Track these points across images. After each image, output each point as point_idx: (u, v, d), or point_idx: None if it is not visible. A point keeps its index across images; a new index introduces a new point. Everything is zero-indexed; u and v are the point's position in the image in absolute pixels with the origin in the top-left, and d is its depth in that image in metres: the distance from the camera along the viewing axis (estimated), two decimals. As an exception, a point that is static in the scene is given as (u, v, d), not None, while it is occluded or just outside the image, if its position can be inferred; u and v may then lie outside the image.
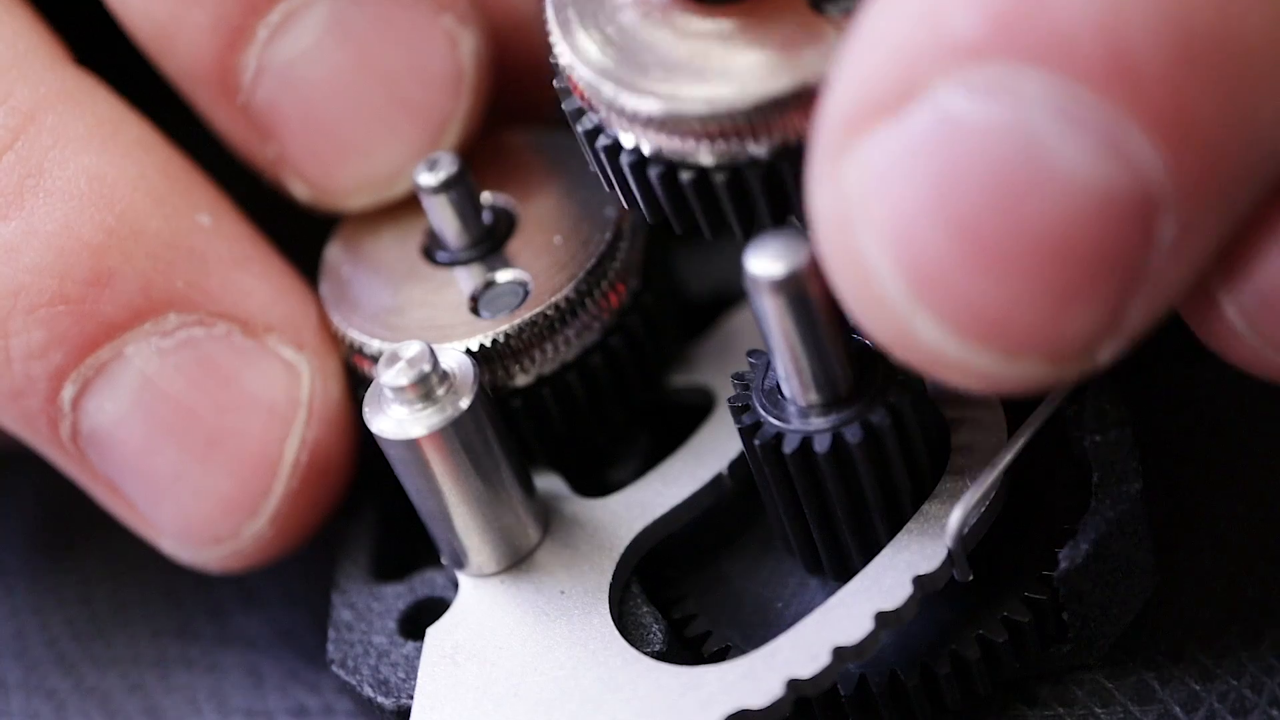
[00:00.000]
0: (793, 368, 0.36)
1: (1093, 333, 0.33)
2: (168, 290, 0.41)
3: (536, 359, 0.42)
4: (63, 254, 0.41)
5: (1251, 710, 0.38)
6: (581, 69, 0.37)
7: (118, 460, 0.42)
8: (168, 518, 0.43)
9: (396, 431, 0.39)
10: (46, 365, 0.41)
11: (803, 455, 0.37)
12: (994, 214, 0.32)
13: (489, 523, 0.40)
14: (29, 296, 0.41)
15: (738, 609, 0.41)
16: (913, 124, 0.32)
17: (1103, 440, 0.38)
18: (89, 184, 0.41)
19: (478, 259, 0.43)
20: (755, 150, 0.36)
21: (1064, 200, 0.32)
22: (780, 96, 0.35)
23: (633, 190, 0.38)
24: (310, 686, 0.45)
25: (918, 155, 0.32)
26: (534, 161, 0.45)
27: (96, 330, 0.41)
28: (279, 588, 0.48)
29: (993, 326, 0.33)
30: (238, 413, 0.42)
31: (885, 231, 0.32)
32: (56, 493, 0.51)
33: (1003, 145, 0.32)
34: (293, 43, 0.43)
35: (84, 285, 0.41)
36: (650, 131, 0.36)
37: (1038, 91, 0.31)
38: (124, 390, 0.41)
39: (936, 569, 0.37)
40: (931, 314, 0.33)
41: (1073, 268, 0.32)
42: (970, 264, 0.32)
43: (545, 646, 0.39)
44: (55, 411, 0.42)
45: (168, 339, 0.41)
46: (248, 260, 0.43)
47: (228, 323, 0.42)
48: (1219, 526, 0.41)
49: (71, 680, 0.47)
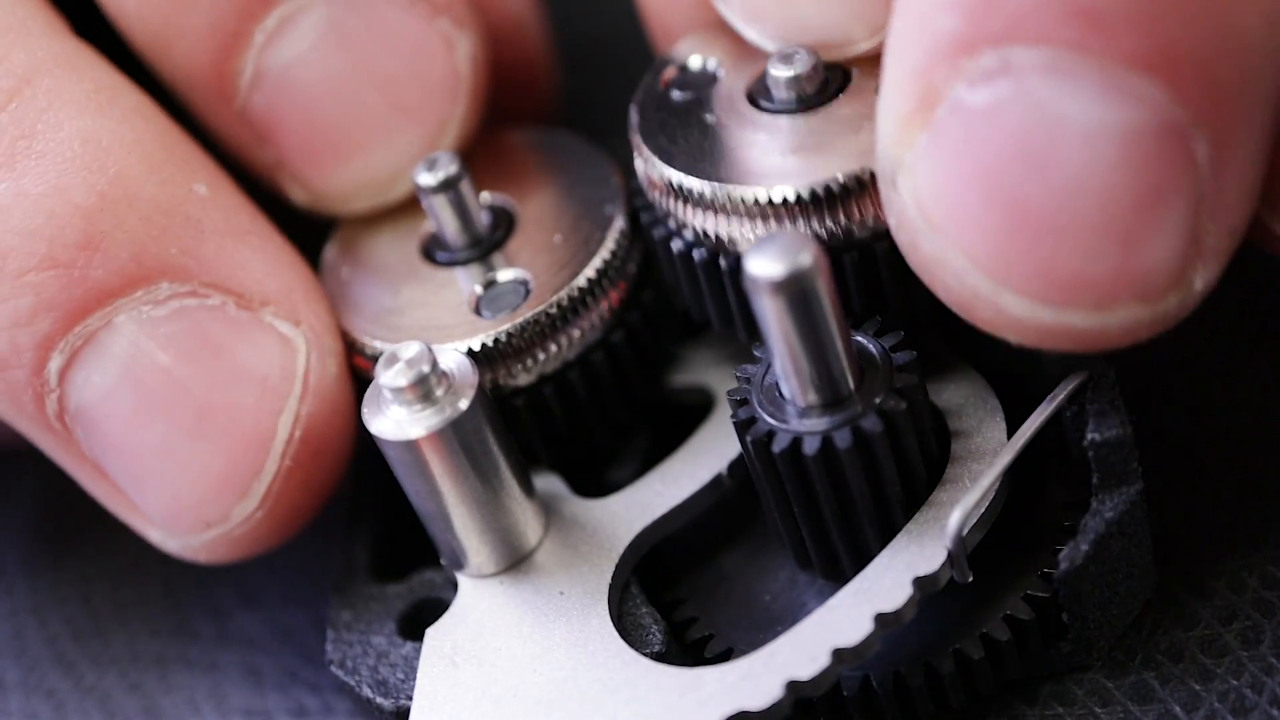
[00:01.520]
0: (791, 368, 0.36)
1: (1175, 263, 0.35)
2: (161, 258, 0.40)
3: (538, 358, 0.42)
4: (52, 217, 0.40)
5: (1252, 710, 0.38)
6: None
7: (104, 438, 0.41)
8: (155, 500, 0.42)
9: (395, 432, 0.39)
10: (33, 333, 0.40)
11: (792, 455, 0.37)
12: (1030, 181, 0.34)
13: (488, 523, 0.40)
14: (16, 260, 0.40)
15: (737, 610, 0.41)
16: (941, 127, 0.34)
17: (1103, 440, 0.38)
18: (82, 147, 0.40)
19: (478, 259, 0.43)
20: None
21: (1088, 149, 0.33)
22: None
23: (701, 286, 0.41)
24: (310, 686, 0.45)
25: (952, 153, 0.34)
26: (533, 161, 0.45)
27: (86, 297, 0.40)
28: (278, 587, 0.48)
29: (1072, 286, 0.34)
30: (230, 387, 0.41)
31: (949, 230, 0.35)
32: (55, 492, 0.51)
33: (1015, 118, 0.33)
34: (289, 47, 0.43)
35: (74, 249, 0.40)
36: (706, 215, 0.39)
37: (1026, 62, 0.33)
38: (113, 361, 0.40)
39: (936, 570, 0.37)
40: (1015, 292, 0.35)
41: (1125, 207, 0.34)
42: (1028, 235, 0.34)
43: (544, 647, 0.39)
44: (41, 385, 0.40)
45: (160, 308, 0.40)
46: (244, 232, 0.42)
47: (222, 294, 0.41)
48: (1219, 526, 0.41)
49: (71, 680, 0.47)
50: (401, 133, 0.44)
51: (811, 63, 0.40)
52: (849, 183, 0.38)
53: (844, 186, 0.38)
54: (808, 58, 0.40)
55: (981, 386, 0.40)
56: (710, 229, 0.40)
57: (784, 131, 0.40)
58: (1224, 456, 0.42)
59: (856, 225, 0.39)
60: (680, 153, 0.40)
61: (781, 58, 0.40)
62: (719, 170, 0.40)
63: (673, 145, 0.41)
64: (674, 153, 0.41)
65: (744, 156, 0.40)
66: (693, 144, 0.41)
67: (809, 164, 0.39)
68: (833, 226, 0.39)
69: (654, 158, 0.41)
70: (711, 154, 0.40)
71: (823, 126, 0.40)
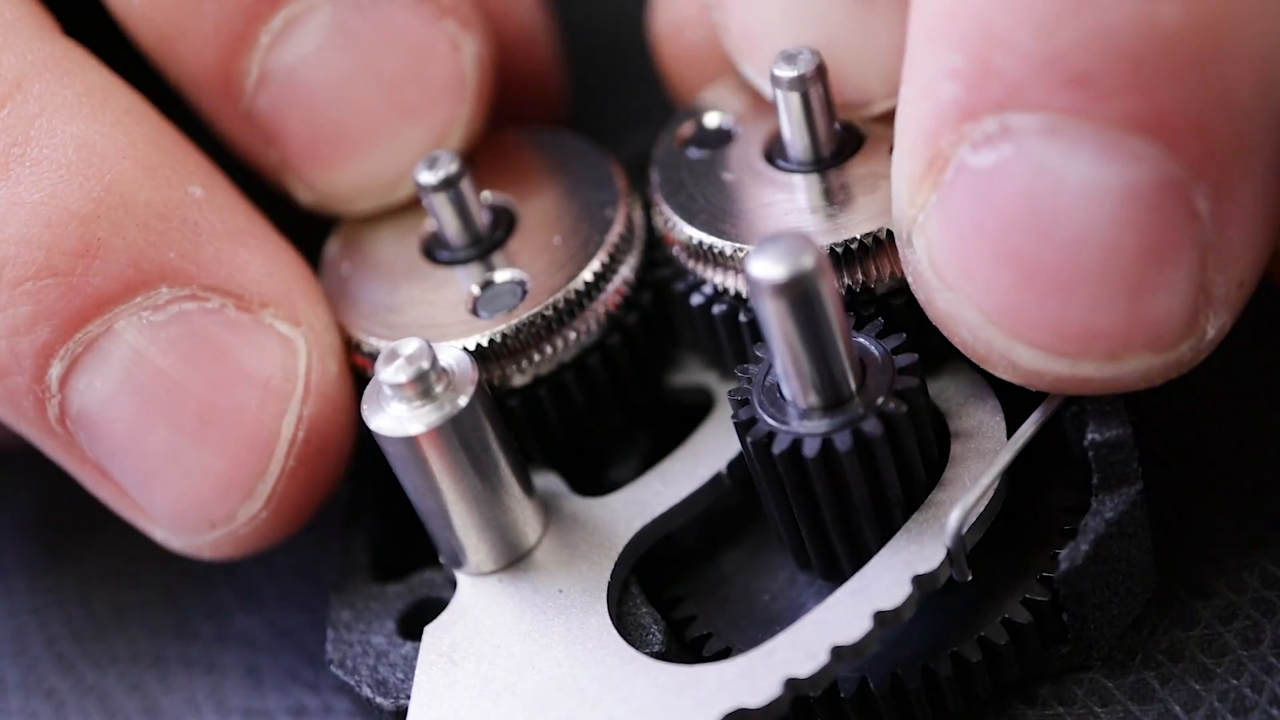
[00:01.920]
0: (792, 370, 0.36)
1: (1185, 313, 0.36)
2: (159, 262, 0.40)
3: (534, 359, 0.42)
4: (50, 225, 0.40)
5: (1252, 709, 0.38)
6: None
7: (107, 442, 0.41)
8: (160, 501, 0.42)
9: (395, 429, 0.38)
10: (33, 341, 0.40)
11: (792, 456, 0.37)
12: (1037, 239, 0.35)
13: (487, 521, 0.40)
14: (15, 269, 0.40)
15: (736, 609, 0.40)
16: (949, 188, 0.36)
17: (1103, 440, 0.38)
18: (77, 152, 0.40)
19: (477, 258, 0.43)
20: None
21: (1090, 207, 0.34)
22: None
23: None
24: (309, 686, 0.45)
25: (960, 213, 0.36)
26: (534, 161, 0.45)
27: (85, 304, 0.40)
28: (278, 587, 0.48)
29: (1083, 339, 0.36)
30: (232, 390, 0.41)
31: (961, 287, 0.36)
32: (55, 493, 0.51)
33: (1018, 179, 0.35)
34: (295, 48, 0.43)
35: (72, 257, 0.40)
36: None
37: (1025, 126, 0.34)
38: (114, 367, 0.40)
39: (935, 569, 0.37)
40: (1028, 345, 0.36)
41: (1130, 261, 0.35)
42: (1037, 291, 0.35)
43: (543, 645, 0.39)
44: (42, 391, 0.40)
45: (160, 313, 0.40)
46: (242, 233, 0.42)
47: (221, 296, 0.41)
48: (1219, 526, 0.41)
49: (71, 680, 0.47)
50: (406, 134, 0.44)
51: (815, 62, 0.40)
52: (867, 241, 0.39)
53: (862, 244, 0.39)
54: (811, 58, 0.40)
55: (981, 387, 0.40)
56: (730, 286, 0.41)
57: (801, 190, 0.41)
58: (1224, 456, 0.42)
59: (875, 282, 0.40)
60: (700, 211, 0.41)
61: (785, 58, 0.40)
62: (739, 230, 0.41)
63: (692, 203, 0.42)
64: (694, 211, 0.41)
65: (763, 215, 0.41)
66: (712, 202, 0.42)
67: (828, 223, 0.40)
68: (851, 284, 0.40)
69: (675, 216, 0.41)
70: (731, 213, 0.41)
71: (839, 185, 0.41)
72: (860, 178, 0.41)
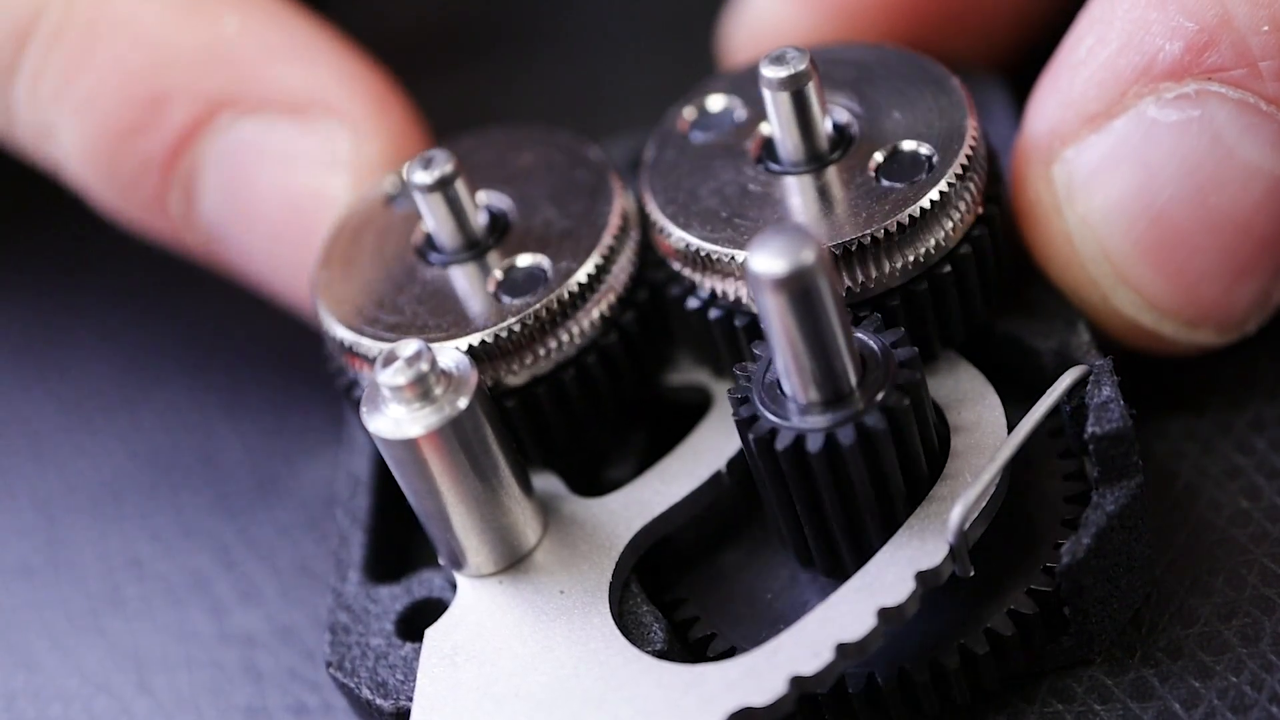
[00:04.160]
0: (793, 365, 0.36)
1: (1252, 305, 0.40)
2: (212, 95, 0.46)
3: (530, 359, 0.41)
4: (120, 89, 0.46)
5: (1251, 707, 0.38)
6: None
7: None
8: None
9: (394, 431, 0.38)
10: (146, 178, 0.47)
11: (795, 453, 0.37)
12: (1187, 201, 0.38)
13: (487, 523, 0.40)
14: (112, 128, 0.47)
15: (739, 609, 0.40)
16: (1119, 132, 0.39)
17: (1103, 434, 0.38)
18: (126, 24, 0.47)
19: (473, 259, 0.43)
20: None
21: (1245, 188, 0.38)
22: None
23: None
24: (310, 684, 0.45)
25: (1122, 157, 0.39)
26: (531, 161, 0.45)
27: (173, 143, 0.47)
28: (278, 586, 0.48)
29: (1183, 302, 0.39)
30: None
31: (1092, 221, 0.39)
32: (54, 492, 0.51)
33: (1193, 141, 0.38)
34: None
35: (148, 111, 0.46)
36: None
37: (1222, 100, 0.38)
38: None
39: (938, 564, 0.37)
40: (1132, 291, 0.39)
41: (1249, 247, 0.38)
42: (1163, 245, 0.38)
43: (545, 646, 0.39)
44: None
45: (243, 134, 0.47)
46: (282, 49, 0.47)
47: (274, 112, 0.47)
48: (1219, 523, 0.41)
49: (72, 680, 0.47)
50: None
51: (804, 61, 0.40)
52: (865, 241, 0.39)
53: (860, 245, 0.39)
54: (800, 57, 0.40)
55: (980, 381, 0.40)
56: (726, 290, 0.41)
57: (795, 192, 0.41)
58: (1224, 454, 0.43)
59: (872, 282, 0.40)
60: (694, 216, 0.41)
61: (774, 59, 0.40)
62: (733, 234, 0.40)
63: (686, 209, 0.42)
64: (688, 217, 0.41)
65: (757, 218, 0.41)
66: (705, 206, 0.41)
67: (822, 225, 0.40)
68: (849, 284, 0.40)
69: (669, 223, 0.41)
70: (725, 217, 0.41)
71: (831, 186, 0.41)
72: (851, 178, 0.41)
